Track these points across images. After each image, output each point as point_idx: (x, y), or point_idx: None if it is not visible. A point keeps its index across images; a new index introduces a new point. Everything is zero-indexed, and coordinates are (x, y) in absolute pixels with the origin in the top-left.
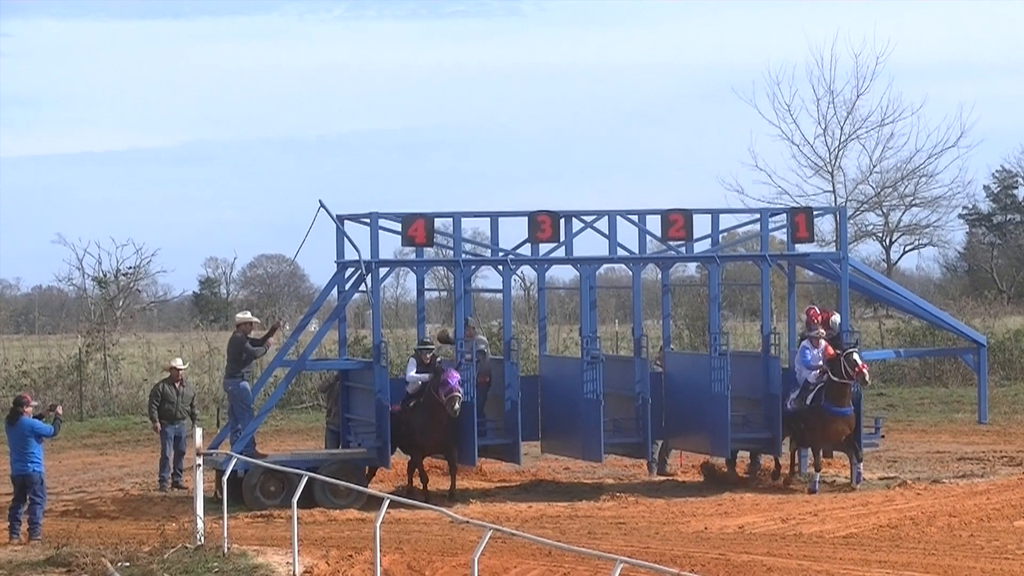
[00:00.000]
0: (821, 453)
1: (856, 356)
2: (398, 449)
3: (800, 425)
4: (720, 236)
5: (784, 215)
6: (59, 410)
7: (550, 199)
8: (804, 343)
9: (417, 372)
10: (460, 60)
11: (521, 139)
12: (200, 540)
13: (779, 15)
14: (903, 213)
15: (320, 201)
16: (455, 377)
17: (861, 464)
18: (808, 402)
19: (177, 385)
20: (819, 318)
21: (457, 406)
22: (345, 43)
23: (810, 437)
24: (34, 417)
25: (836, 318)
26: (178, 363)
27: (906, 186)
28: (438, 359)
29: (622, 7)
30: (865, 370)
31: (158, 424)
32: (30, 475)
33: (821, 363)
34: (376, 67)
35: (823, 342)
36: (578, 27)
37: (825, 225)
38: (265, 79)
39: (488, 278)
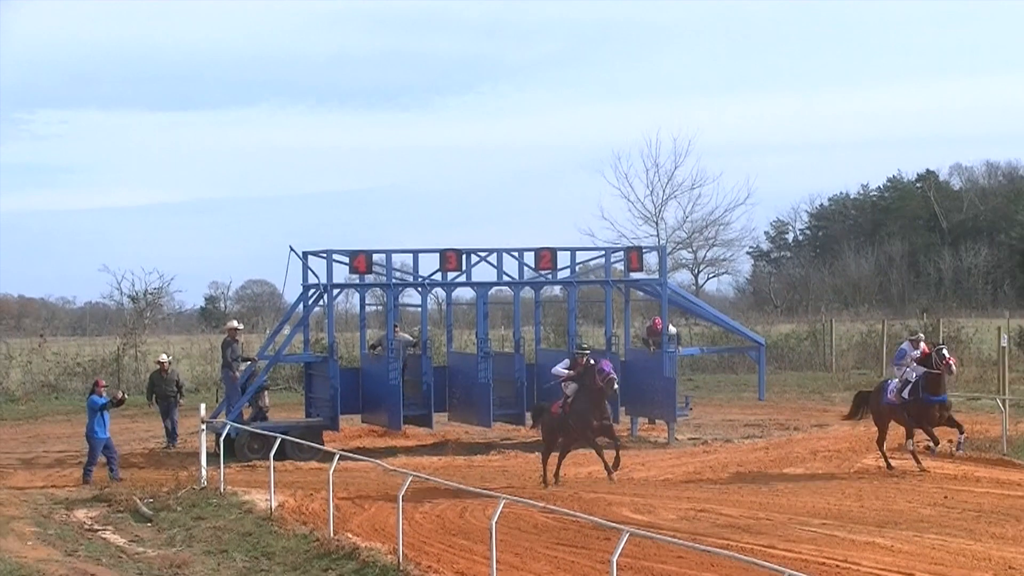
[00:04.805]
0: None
1: (944, 351)
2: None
3: (903, 414)
4: (576, 267)
5: (622, 252)
6: (118, 395)
7: (456, 239)
8: (904, 344)
9: (568, 371)
10: (395, 140)
11: (436, 197)
12: (204, 483)
13: (620, 110)
14: (707, 251)
15: (290, 246)
16: (608, 364)
17: (963, 436)
18: (906, 395)
19: (163, 374)
20: (659, 325)
21: (616, 386)
22: (311, 128)
23: (918, 422)
24: (109, 399)
25: (673, 328)
26: (163, 358)
27: (709, 232)
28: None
29: (510, 103)
30: (952, 362)
31: (153, 404)
32: (90, 437)
33: (915, 361)
34: (333, 145)
35: (923, 344)
36: (480, 117)
37: (651, 259)
38: (252, 153)
39: (411, 296)
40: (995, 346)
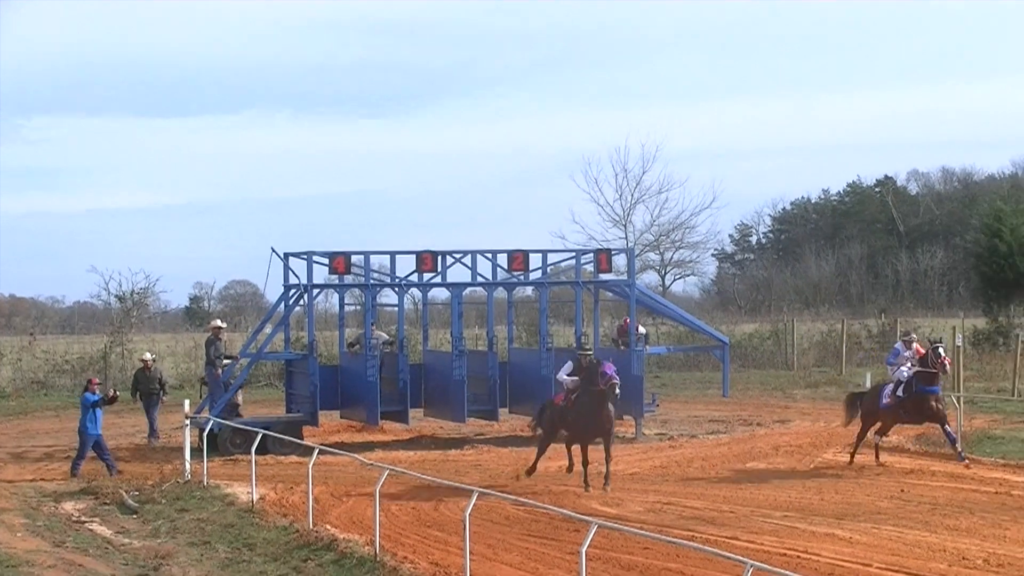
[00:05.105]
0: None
1: (941, 350)
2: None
3: (899, 412)
4: (548, 268)
5: (592, 254)
6: (110, 393)
7: (432, 242)
8: (897, 345)
9: (572, 373)
10: (373, 146)
11: (414, 200)
12: (188, 477)
13: (590, 117)
14: (673, 253)
15: (272, 247)
16: (611, 368)
17: (957, 442)
18: (900, 394)
19: (147, 372)
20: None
21: (617, 391)
22: (293, 133)
23: (915, 416)
24: (101, 396)
25: (642, 329)
26: (147, 356)
27: (676, 235)
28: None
29: (485, 112)
30: (947, 361)
31: (137, 401)
32: (82, 433)
33: (908, 361)
34: (313, 150)
35: (915, 344)
36: (454, 123)
37: (620, 261)
38: (239, 158)
39: (388, 296)
40: (950, 345)
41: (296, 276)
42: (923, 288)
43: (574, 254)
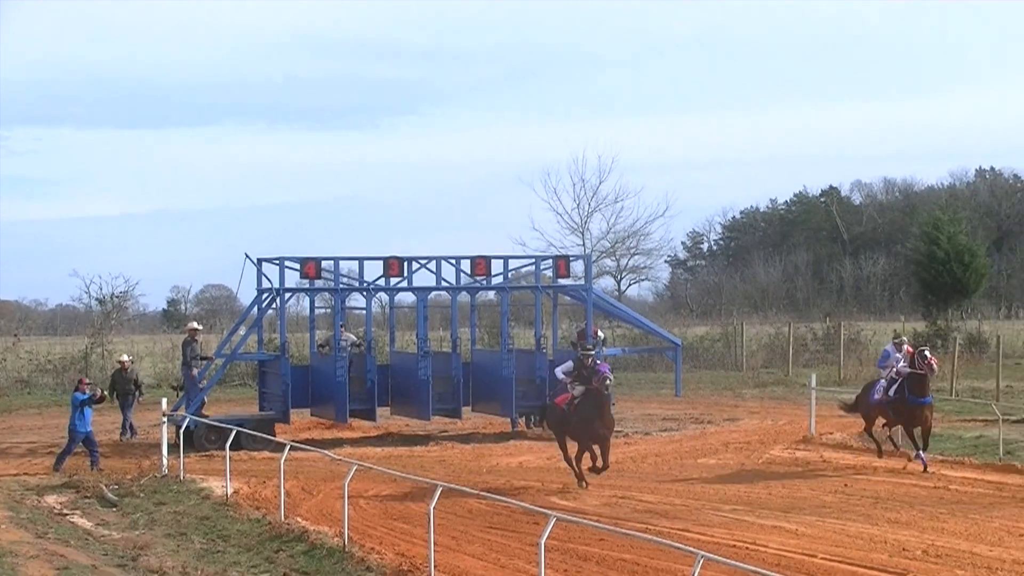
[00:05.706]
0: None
1: (927, 352)
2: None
3: (888, 411)
4: (509, 273)
5: (551, 260)
6: (98, 393)
7: (399, 248)
8: (888, 347)
9: (571, 371)
10: (343, 156)
11: (382, 209)
12: (165, 471)
13: (549, 129)
14: (629, 259)
15: (246, 253)
16: (606, 367)
17: (924, 453)
18: (892, 393)
19: (124, 372)
20: (595, 332)
21: (607, 382)
22: (265, 145)
23: (899, 420)
24: (90, 395)
25: (601, 333)
26: (124, 358)
27: (631, 242)
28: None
29: (449, 124)
30: (934, 363)
31: (114, 400)
32: (71, 430)
33: (899, 363)
34: (285, 161)
35: (906, 347)
36: (422, 135)
37: (577, 267)
38: (212, 168)
39: (357, 300)
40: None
41: (269, 280)
42: (866, 293)
43: (534, 260)
